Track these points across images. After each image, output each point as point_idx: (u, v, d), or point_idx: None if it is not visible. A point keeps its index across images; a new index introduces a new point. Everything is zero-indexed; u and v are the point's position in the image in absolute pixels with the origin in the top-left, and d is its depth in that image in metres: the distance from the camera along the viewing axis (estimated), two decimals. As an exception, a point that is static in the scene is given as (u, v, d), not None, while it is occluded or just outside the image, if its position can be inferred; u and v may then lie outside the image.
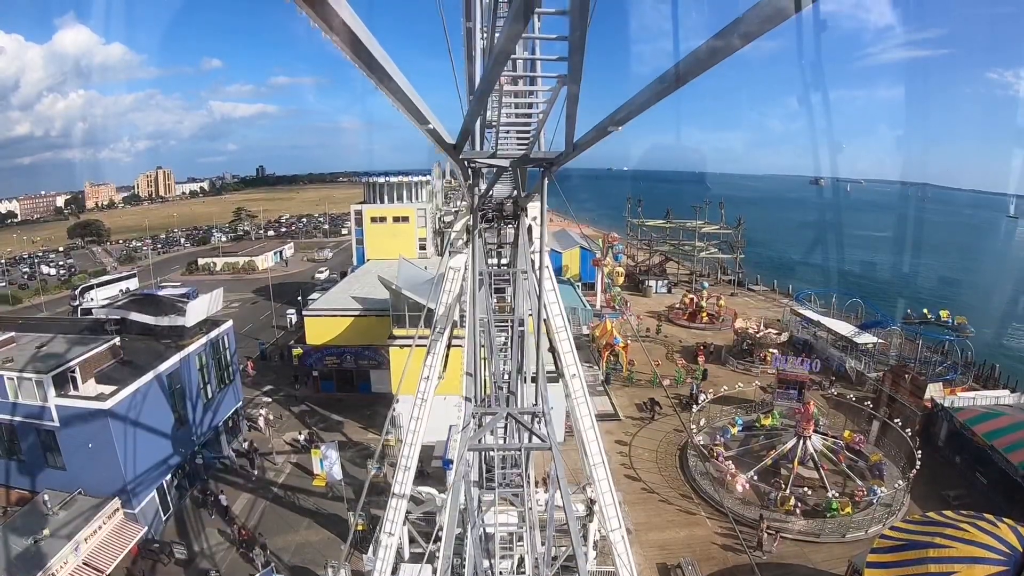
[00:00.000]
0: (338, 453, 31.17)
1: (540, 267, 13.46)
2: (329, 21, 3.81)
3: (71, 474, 29.88)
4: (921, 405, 39.10)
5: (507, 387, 14.25)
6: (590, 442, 16.62)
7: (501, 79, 9.42)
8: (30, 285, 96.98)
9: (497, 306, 15.76)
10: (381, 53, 4.79)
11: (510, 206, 15.07)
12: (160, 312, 37.28)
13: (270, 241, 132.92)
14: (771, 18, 3.43)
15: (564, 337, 16.65)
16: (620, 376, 50.04)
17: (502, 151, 12.93)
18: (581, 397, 16.48)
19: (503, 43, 4.99)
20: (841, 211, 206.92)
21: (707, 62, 4.42)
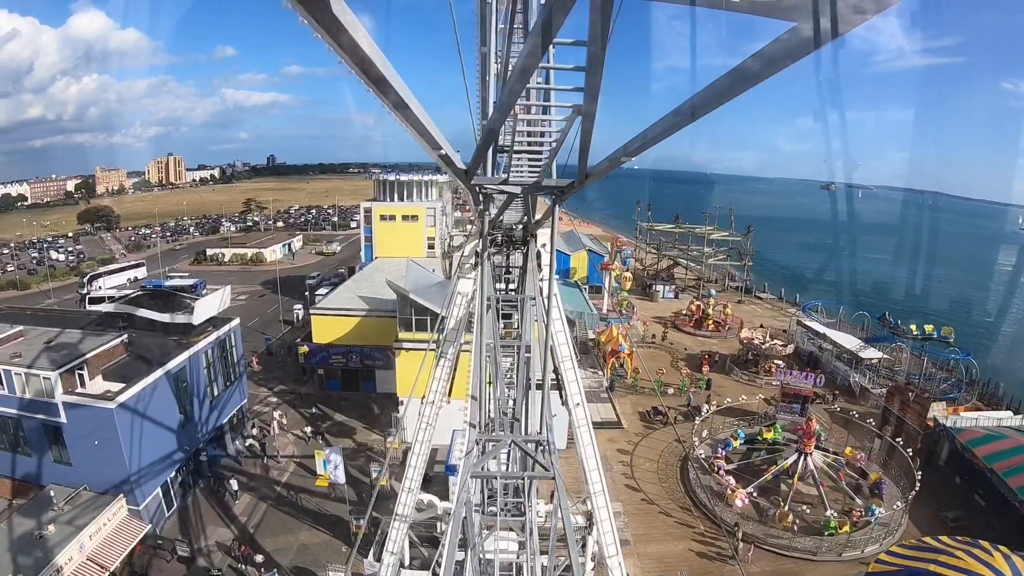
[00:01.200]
0: (341, 457, 31.36)
1: (548, 295, 13.54)
2: (346, 49, 3.92)
3: (77, 469, 30.13)
4: (924, 424, 39.07)
5: (512, 413, 14.35)
6: (591, 471, 16.74)
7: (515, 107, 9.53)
8: (38, 270, 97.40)
9: (504, 331, 15.85)
10: (398, 81, 4.87)
11: (519, 232, 15.17)
12: (168, 309, 37.53)
13: (279, 233, 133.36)
14: (792, 53, 3.50)
15: (570, 367, 16.75)
16: (624, 383, 50.09)
17: (514, 178, 13.01)
18: (584, 426, 16.58)
19: (518, 73, 5.07)
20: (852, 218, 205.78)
21: (724, 96, 4.47)
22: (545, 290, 14.09)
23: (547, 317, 13.77)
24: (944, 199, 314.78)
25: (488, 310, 14.57)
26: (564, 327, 16.76)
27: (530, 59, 4.63)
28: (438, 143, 8.27)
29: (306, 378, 50.03)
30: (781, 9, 3.24)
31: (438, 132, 7.95)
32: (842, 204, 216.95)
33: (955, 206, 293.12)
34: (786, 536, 31.71)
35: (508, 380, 15.47)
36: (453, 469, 32.18)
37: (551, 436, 13.03)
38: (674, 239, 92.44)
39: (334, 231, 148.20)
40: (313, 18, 3.39)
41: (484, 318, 14.05)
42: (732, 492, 34.04)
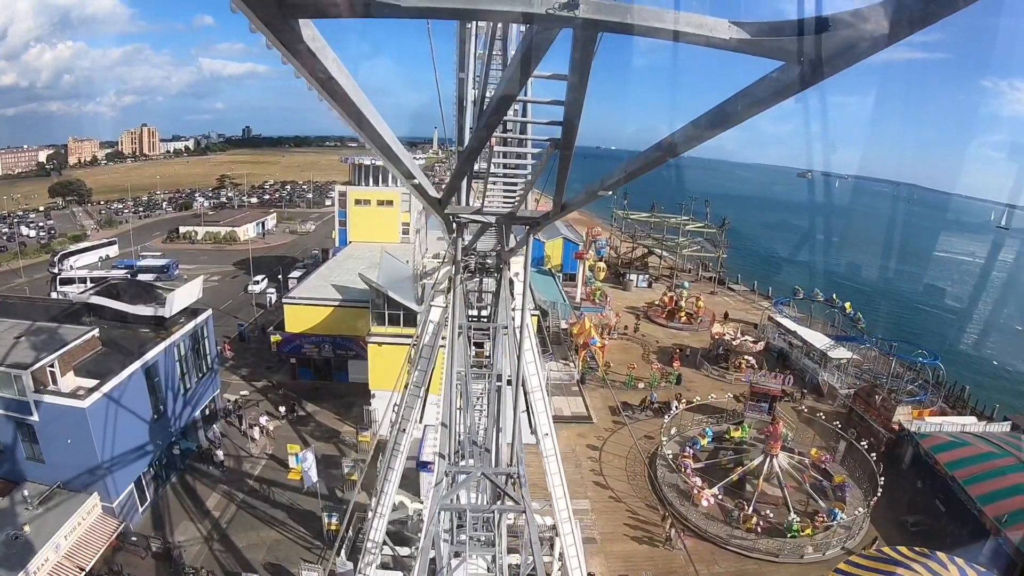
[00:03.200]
0: (315, 456, 31.52)
1: (522, 326, 13.70)
2: (315, 75, 3.89)
3: (50, 467, 29.97)
4: (889, 427, 39.94)
5: (483, 443, 14.51)
6: (558, 499, 17.01)
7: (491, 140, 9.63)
8: (8, 247, 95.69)
9: (475, 357, 15.98)
10: (369, 108, 4.88)
11: (493, 259, 15.28)
12: (141, 300, 37.20)
13: (252, 211, 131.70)
14: (780, 92, 3.55)
15: (539, 397, 16.97)
16: (595, 376, 50.54)
17: (488, 207, 13.06)
18: (552, 456, 16.85)
19: (495, 105, 5.07)
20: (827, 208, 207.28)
21: (707, 133, 4.52)
22: (517, 320, 14.24)
23: (519, 347, 13.94)
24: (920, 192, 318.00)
25: (459, 336, 14.69)
26: (535, 357, 16.96)
27: (507, 92, 4.66)
28: (411, 172, 8.31)
29: (279, 368, 49.93)
30: (770, 49, 3.30)
31: (411, 160, 8.00)
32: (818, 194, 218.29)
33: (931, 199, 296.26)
34: (749, 537, 32.44)
35: (479, 407, 15.63)
36: (425, 466, 32.42)
37: (522, 468, 13.24)
38: (650, 228, 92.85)
39: (308, 208, 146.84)
40: (280, 43, 3.38)
41: (455, 345, 14.19)
42: (698, 492, 34.67)
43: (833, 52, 3.07)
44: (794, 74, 3.32)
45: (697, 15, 3.29)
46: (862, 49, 3.00)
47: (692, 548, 31.83)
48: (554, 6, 3.12)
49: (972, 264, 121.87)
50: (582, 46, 3.67)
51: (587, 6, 3.14)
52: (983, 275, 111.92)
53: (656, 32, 3.28)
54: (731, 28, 3.26)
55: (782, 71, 3.39)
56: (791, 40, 3.19)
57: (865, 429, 41.25)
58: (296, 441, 39.45)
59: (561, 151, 7.69)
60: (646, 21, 3.25)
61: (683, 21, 3.26)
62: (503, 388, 14.25)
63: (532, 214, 13.26)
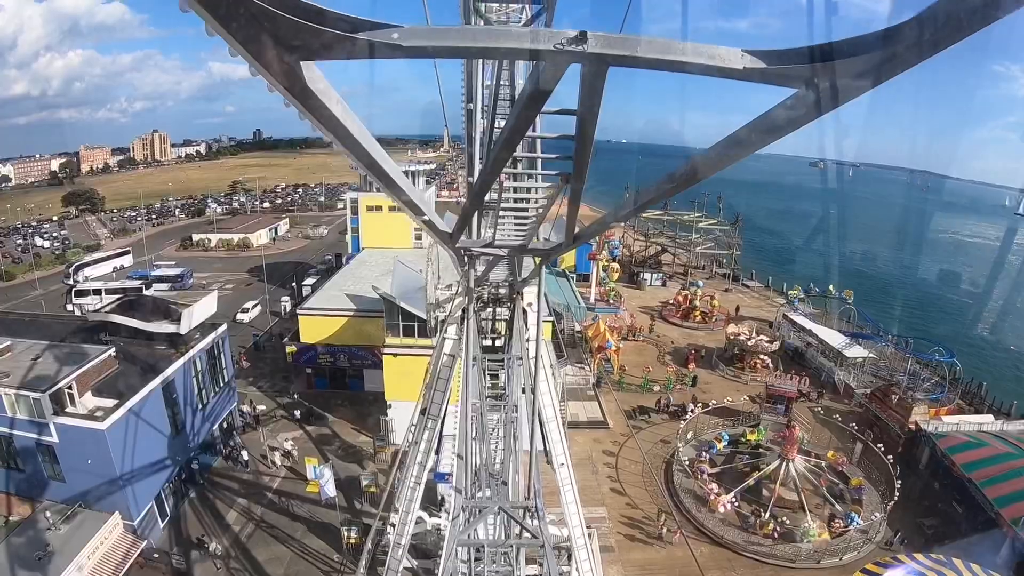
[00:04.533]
0: (332, 472, 31.71)
1: (536, 357, 13.73)
2: (321, 118, 3.87)
3: (71, 486, 30.37)
4: (906, 427, 39.71)
5: (499, 474, 14.55)
6: (574, 527, 17.06)
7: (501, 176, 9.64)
8: (23, 259, 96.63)
9: (489, 387, 16.01)
10: (377, 149, 4.88)
11: (505, 290, 15.31)
12: (155, 317, 37.44)
13: (265, 216, 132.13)
14: (794, 120, 3.50)
15: (555, 427, 17.01)
16: (611, 379, 50.48)
17: (499, 240, 13.06)
18: (569, 486, 16.89)
19: (504, 142, 5.02)
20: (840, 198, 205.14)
21: (717, 163, 4.49)
22: (532, 351, 14.27)
23: (534, 379, 13.97)
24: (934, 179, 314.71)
25: (474, 366, 14.73)
26: (550, 388, 17.00)
27: (516, 129, 4.61)
28: (420, 209, 8.34)
29: (295, 378, 50.17)
30: (784, 78, 3.26)
31: (420, 197, 8.03)
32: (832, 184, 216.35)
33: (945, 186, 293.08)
34: (766, 543, 32.40)
35: (494, 438, 15.67)
36: (442, 476, 32.61)
37: (539, 501, 13.28)
38: (663, 226, 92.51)
39: (321, 212, 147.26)
40: (282, 87, 3.36)
41: (470, 378, 14.23)
42: (715, 498, 34.63)
43: (848, 78, 3.04)
44: (810, 101, 3.29)
45: (709, 45, 3.25)
46: (877, 75, 2.98)
47: (709, 555, 31.91)
48: (562, 42, 3.10)
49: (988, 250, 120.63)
50: (591, 81, 3.62)
51: (596, 41, 3.10)
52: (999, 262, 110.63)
53: (668, 64, 3.25)
54: (744, 57, 3.22)
55: (797, 98, 3.35)
56: (805, 68, 3.16)
57: (882, 429, 41.05)
58: (314, 452, 39.77)
59: (572, 184, 7.71)
60: (657, 54, 3.22)
61: (696, 52, 3.23)
62: (520, 419, 14.30)
63: (544, 245, 13.26)
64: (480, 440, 14.31)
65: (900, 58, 2.81)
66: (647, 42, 3.19)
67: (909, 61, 2.81)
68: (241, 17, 2.72)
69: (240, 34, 2.83)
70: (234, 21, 2.74)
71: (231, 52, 3.12)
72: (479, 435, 14.26)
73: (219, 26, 2.75)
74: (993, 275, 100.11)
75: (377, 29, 3.05)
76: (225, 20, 2.72)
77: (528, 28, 3.83)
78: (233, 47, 2.97)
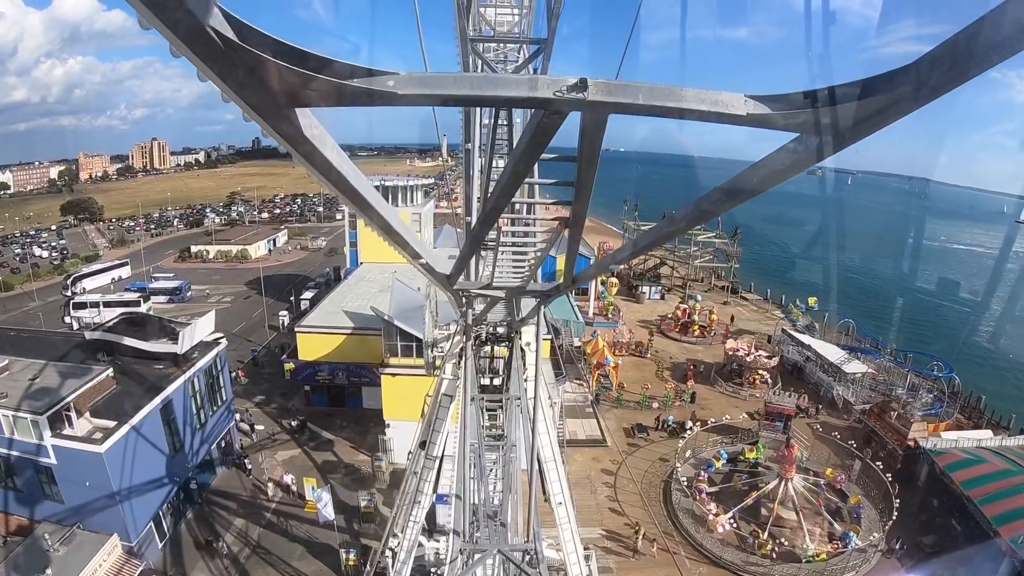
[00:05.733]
0: (330, 495, 31.63)
1: (536, 397, 13.72)
2: (317, 165, 3.80)
3: (69, 507, 30.40)
4: (904, 444, 39.71)
5: (497, 516, 14.50)
6: (572, 564, 17.02)
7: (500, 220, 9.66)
8: (22, 269, 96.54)
9: (488, 427, 15.99)
10: (373, 194, 4.86)
11: (504, 329, 15.31)
12: (152, 336, 37.42)
13: (263, 227, 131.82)
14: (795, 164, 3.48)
15: (553, 467, 16.99)
16: (609, 396, 50.44)
17: (498, 281, 13.05)
18: (567, 526, 16.87)
19: (502, 189, 5.00)
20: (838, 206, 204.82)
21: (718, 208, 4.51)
22: (531, 391, 14.25)
23: (533, 419, 13.96)
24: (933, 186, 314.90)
25: (472, 404, 14.73)
26: (548, 428, 16.98)
27: (515, 177, 4.57)
28: (417, 252, 8.36)
29: (293, 394, 50.10)
30: (787, 123, 3.22)
31: (417, 240, 8.06)
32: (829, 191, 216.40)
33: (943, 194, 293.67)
34: (765, 564, 32.36)
35: (492, 478, 15.62)
36: (441, 498, 32.51)
37: (539, 544, 13.26)
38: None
39: (319, 223, 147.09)
40: (277, 133, 3.30)
41: (468, 418, 14.23)
42: (713, 518, 34.60)
43: (851, 123, 3.02)
44: (812, 145, 3.28)
45: (712, 92, 3.20)
46: (880, 119, 2.95)
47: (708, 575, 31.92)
48: (562, 90, 3.03)
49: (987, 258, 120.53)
50: (592, 129, 3.60)
51: (596, 88, 3.04)
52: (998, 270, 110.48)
53: (670, 112, 3.19)
54: (747, 103, 3.19)
55: (799, 142, 3.35)
56: (809, 113, 3.13)
57: (881, 446, 41.06)
58: (312, 471, 39.70)
59: (571, 229, 7.72)
60: (659, 101, 3.15)
61: (698, 99, 3.16)
62: (517, 460, 14.28)
63: (543, 287, 13.26)
64: (478, 479, 14.28)
65: (903, 102, 2.81)
66: (648, 89, 3.15)
67: (912, 105, 2.81)
68: (233, 64, 2.66)
69: (232, 81, 2.76)
70: (226, 68, 2.67)
71: (224, 98, 3.07)
72: (477, 475, 14.22)
73: (211, 72, 2.68)
74: (993, 283, 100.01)
75: (372, 76, 3.01)
76: (217, 67, 2.65)
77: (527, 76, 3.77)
78: (226, 93, 2.92)
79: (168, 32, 2.41)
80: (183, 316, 62.72)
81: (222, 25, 2.52)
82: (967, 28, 2.46)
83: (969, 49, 2.47)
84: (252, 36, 2.70)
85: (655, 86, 3.17)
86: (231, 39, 2.57)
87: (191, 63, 2.68)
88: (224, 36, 2.53)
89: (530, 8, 15.16)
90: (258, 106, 2.98)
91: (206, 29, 2.44)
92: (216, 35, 2.49)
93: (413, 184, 68.88)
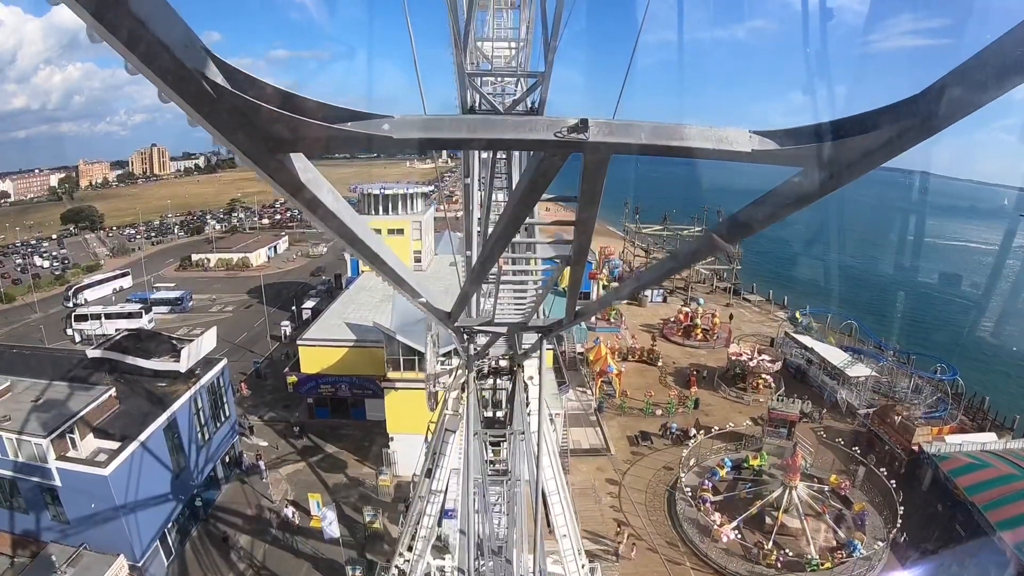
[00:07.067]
0: (335, 513, 31.70)
1: (539, 431, 13.70)
2: (314, 209, 3.74)
3: (75, 527, 30.54)
4: (908, 449, 39.68)
5: (502, 551, 14.49)
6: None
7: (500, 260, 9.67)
8: (23, 280, 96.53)
9: (492, 458, 15.97)
10: (370, 235, 4.85)
11: (506, 362, 15.29)
12: (154, 354, 37.46)
13: (264, 234, 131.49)
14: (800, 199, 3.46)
15: (557, 500, 16.97)
16: (613, 403, 50.38)
17: (499, 317, 13.05)
18: (572, 559, 16.86)
19: (502, 230, 4.94)
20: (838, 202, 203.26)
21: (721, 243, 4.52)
22: (534, 424, 14.24)
23: (537, 452, 13.95)
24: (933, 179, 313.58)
25: (475, 438, 14.72)
26: (552, 460, 16.98)
27: (514, 219, 4.53)
28: (416, 292, 8.35)
29: (296, 406, 50.11)
30: (791, 158, 3.17)
31: (416, 280, 8.05)
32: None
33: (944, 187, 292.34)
34: (769, 573, 32.37)
35: (497, 512, 15.62)
36: (447, 513, 32.48)
37: (543, 580, 13.25)
38: (663, 240, 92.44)
39: (320, 229, 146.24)
40: (272, 179, 3.22)
41: (471, 454, 14.22)
42: (717, 528, 34.59)
43: (858, 156, 2.99)
44: (815, 180, 3.24)
45: (716, 128, 3.14)
46: (887, 152, 2.92)
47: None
48: (562, 131, 2.95)
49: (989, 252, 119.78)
50: (594, 169, 3.51)
51: (597, 128, 2.97)
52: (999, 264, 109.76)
53: (674, 151, 3.12)
54: (752, 139, 3.13)
55: (804, 175, 3.31)
56: (814, 147, 3.08)
57: (885, 450, 41.05)
58: (316, 484, 39.78)
59: (572, 267, 7.72)
60: (663, 140, 3.09)
61: (702, 137, 3.10)
62: (520, 494, 14.25)
63: (545, 322, 13.26)
64: (483, 514, 14.27)
65: (910, 134, 2.79)
66: (652, 128, 3.08)
67: (919, 136, 2.79)
68: (224, 110, 2.60)
69: (224, 128, 2.71)
70: (217, 114, 2.61)
71: (214, 141, 3.01)
72: (481, 508, 14.22)
73: (201, 119, 2.62)
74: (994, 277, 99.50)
75: (367, 119, 2.95)
76: (208, 114, 2.59)
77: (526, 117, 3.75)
78: (217, 140, 2.84)
79: (157, 79, 2.34)
80: (185, 327, 63.05)
81: (212, 72, 2.48)
82: (972, 59, 2.47)
83: (975, 79, 2.49)
84: (243, 81, 2.67)
85: (658, 125, 3.12)
86: (222, 85, 2.52)
87: (180, 109, 2.62)
88: (214, 82, 2.49)
89: (527, 41, 15.17)
90: (250, 151, 2.93)
91: (196, 76, 2.39)
92: (207, 82, 2.45)
93: (413, 192, 68.79)
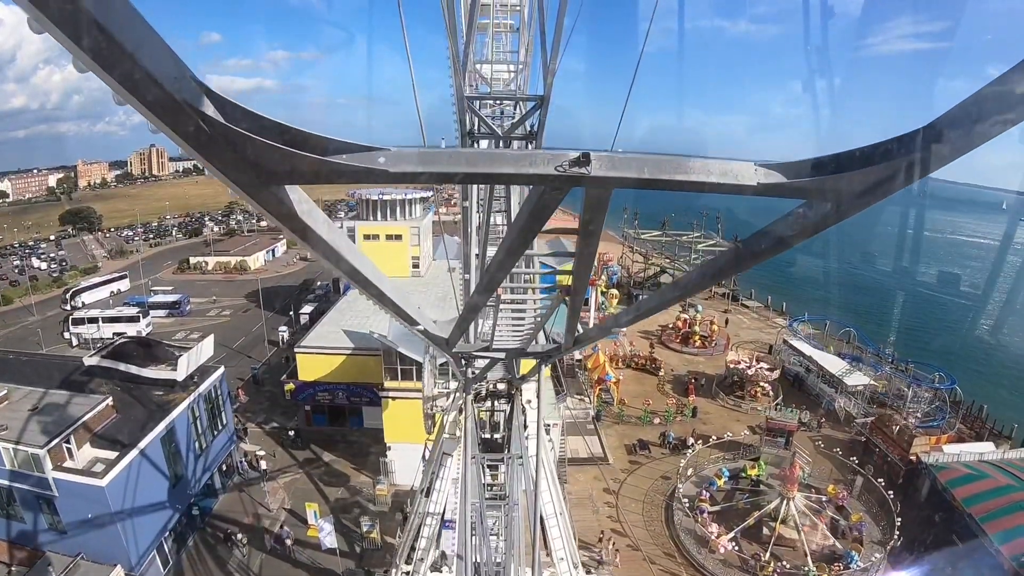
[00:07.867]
0: (332, 523, 31.66)
1: (537, 455, 13.69)
2: (309, 240, 3.72)
3: (71, 537, 30.43)
4: (906, 458, 39.65)
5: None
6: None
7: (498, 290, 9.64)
8: (20, 281, 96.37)
9: (489, 484, 15.91)
10: (366, 265, 4.84)
11: (504, 386, 15.26)
12: (151, 362, 37.40)
13: (262, 236, 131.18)
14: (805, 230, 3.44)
15: (555, 524, 16.97)
16: (611, 411, 50.35)
17: (497, 343, 13.03)
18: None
19: (499, 263, 4.90)
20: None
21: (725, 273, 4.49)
22: (532, 449, 14.23)
23: (535, 476, 13.94)
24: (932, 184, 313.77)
25: (472, 462, 14.70)
26: (550, 485, 16.96)
27: (513, 251, 4.49)
28: (414, 319, 8.32)
29: (293, 413, 50.02)
30: (796, 190, 3.15)
31: (413, 307, 8.03)
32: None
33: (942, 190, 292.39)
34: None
35: (494, 536, 15.58)
36: (447, 524, 32.46)
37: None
38: (662, 246, 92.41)
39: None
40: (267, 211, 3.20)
41: (469, 479, 14.19)
42: (715, 539, 34.58)
43: (865, 188, 2.97)
44: (819, 212, 3.24)
45: (720, 161, 3.11)
46: (891, 185, 2.91)
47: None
48: (563, 165, 2.90)
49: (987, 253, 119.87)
50: (595, 203, 3.49)
51: (599, 163, 2.92)
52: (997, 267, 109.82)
53: (678, 184, 3.08)
54: (758, 172, 3.08)
55: (808, 207, 3.31)
56: (820, 180, 3.06)
57: (882, 460, 41.05)
58: (313, 492, 39.72)
59: (571, 298, 7.71)
60: (666, 174, 3.03)
61: (706, 170, 3.06)
62: (519, 518, 14.22)
63: (543, 348, 13.26)
64: (480, 538, 14.25)
65: (918, 167, 2.79)
66: (655, 161, 3.04)
67: (928, 169, 2.79)
68: (217, 143, 2.56)
69: (217, 160, 2.68)
70: (209, 147, 2.58)
71: (208, 173, 2.96)
72: (479, 532, 14.20)
73: (194, 152, 2.58)
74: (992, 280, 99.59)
75: (363, 152, 2.92)
76: (200, 146, 2.56)
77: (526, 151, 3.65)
78: (211, 173, 2.81)
79: (147, 112, 2.31)
80: (183, 332, 62.95)
81: (205, 105, 2.45)
82: (980, 91, 2.48)
83: (981, 113, 2.49)
84: (236, 114, 2.64)
85: (661, 157, 3.08)
86: (215, 119, 2.49)
87: (172, 141, 2.59)
88: (207, 115, 2.46)
89: (526, 64, 15.16)
90: (244, 184, 2.89)
91: (188, 110, 2.36)
92: (199, 115, 2.42)
93: (412, 197, 68.68)
